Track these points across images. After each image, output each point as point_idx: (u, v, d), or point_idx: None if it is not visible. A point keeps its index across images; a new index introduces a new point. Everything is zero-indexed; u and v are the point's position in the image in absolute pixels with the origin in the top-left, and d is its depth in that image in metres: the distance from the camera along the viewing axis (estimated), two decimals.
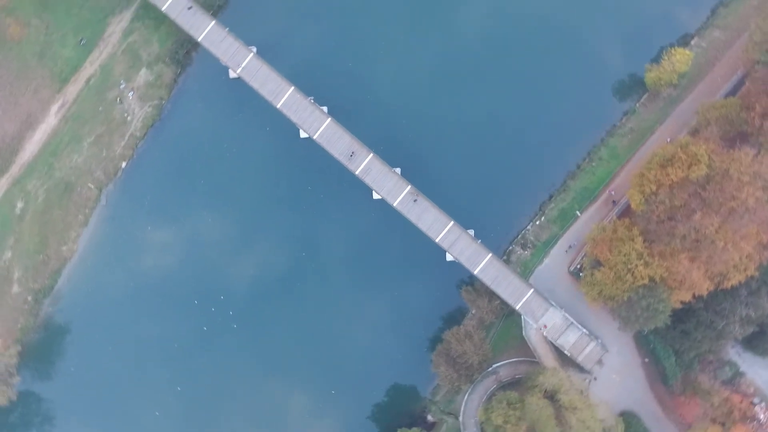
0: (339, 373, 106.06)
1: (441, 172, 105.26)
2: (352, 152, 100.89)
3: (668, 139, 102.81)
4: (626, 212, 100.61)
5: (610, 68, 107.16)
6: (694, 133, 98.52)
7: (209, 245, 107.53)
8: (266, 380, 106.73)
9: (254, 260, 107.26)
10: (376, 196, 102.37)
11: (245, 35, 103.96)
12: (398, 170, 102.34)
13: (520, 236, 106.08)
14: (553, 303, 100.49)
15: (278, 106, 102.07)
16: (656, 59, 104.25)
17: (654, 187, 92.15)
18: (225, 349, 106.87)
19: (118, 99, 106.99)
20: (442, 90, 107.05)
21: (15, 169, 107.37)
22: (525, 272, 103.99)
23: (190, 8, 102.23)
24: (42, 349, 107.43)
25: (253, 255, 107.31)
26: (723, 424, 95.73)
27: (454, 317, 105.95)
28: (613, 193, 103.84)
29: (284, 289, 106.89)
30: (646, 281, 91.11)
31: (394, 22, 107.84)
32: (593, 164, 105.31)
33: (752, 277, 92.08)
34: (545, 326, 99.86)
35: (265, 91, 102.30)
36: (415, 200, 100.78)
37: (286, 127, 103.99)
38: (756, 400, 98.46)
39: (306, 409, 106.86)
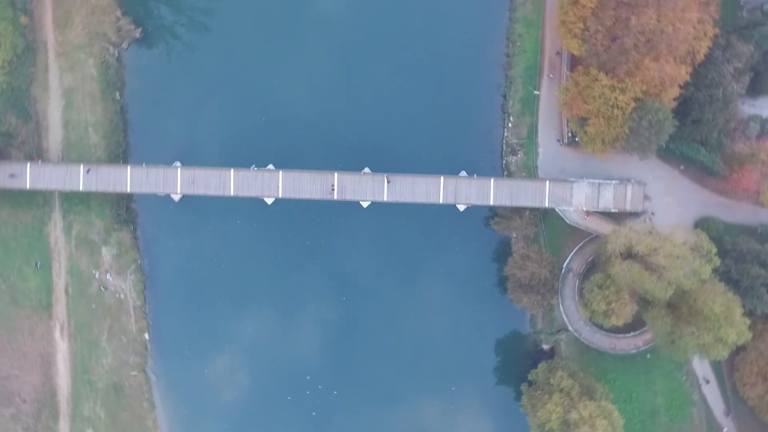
0: (446, 369, 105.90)
1: (402, 146, 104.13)
2: (333, 185, 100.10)
3: None
4: (574, 62, 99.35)
5: None
6: None
7: (264, 345, 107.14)
8: (396, 418, 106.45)
9: (309, 330, 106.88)
10: (365, 204, 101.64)
11: (163, 157, 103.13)
12: (367, 170, 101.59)
13: (504, 146, 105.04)
14: (572, 179, 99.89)
15: (232, 194, 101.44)
16: None
17: (581, 25, 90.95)
18: (340, 419, 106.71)
19: (101, 287, 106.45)
20: (351, 77, 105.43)
21: (64, 407, 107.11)
22: (531, 172, 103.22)
23: (88, 171, 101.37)
24: None
25: (305, 327, 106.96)
26: None
27: (503, 251, 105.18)
28: (551, 76, 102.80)
29: (350, 334, 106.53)
30: (633, 105, 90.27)
31: (271, 50, 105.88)
32: (518, 44, 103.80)
33: (716, 36, 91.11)
34: (586, 212, 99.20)
35: (212, 191, 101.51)
36: (388, 182, 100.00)
37: (252, 205, 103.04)
38: None
39: (444, 417, 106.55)
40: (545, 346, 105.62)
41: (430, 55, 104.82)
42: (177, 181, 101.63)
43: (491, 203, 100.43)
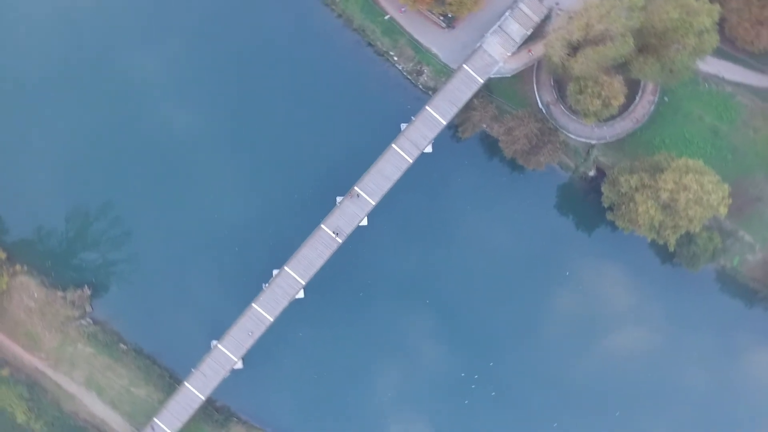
0: (549, 271, 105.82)
1: (343, 157, 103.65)
2: (335, 231, 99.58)
3: None
4: None
5: None
6: None
7: (418, 390, 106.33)
8: (552, 339, 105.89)
9: (431, 347, 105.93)
10: (363, 222, 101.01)
11: (199, 347, 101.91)
12: (339, 198, 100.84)
13: (407, 76, 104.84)
14: (478, 45, 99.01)
15: (273, 319, 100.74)
16: None
17: None
18: (512, 376, 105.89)
19: None
20: (259, 152, 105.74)
21: None
22: (446, 72, 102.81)
23: (153, 428, 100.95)
24: None
25: (427, 347, 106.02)
26: None
27: (491, 145, 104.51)
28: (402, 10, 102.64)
29: (458, 319, 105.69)
30: None
31: (190, 196, 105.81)
32: (337, 1, 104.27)
33: None
34: (528, 50, 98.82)
35: (257, 333, 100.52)
36: (358, 196, 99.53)
37: (294, 311, 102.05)
38: None
39: (589, 301, 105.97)
40: (591, 173, 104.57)
41: (292, 80, 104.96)
42: (227, 355, 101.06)
43: (445, 123, 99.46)
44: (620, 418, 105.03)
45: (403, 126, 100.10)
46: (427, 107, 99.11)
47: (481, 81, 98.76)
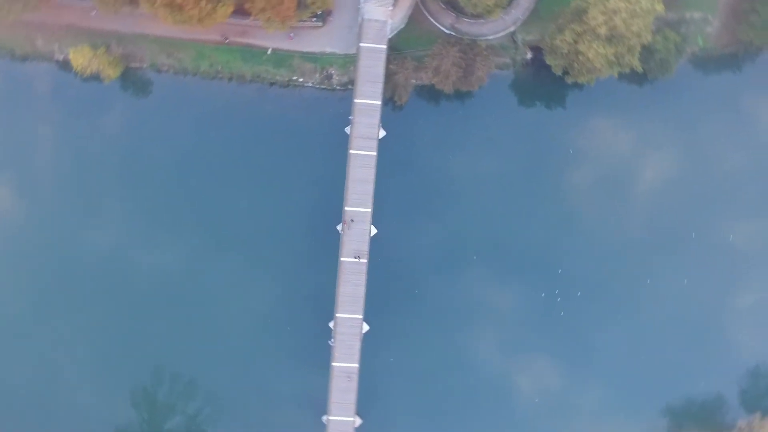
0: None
1: (317, 190, 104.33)
2: (357, 256, 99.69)
3: None
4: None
5: None
6: None
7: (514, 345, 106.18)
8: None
9: (498, 291, 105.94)
10: (374, 232, 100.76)
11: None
12: (339, 226, 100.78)
13: (322, 87, 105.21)
14: (360, 18, 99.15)
15: (358, 365, 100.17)
16: None
17: None
18: (576, 278, 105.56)
19: None
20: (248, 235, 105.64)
21: None
22: (351, 59, 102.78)
23: None
24: None
25: (502, 302, 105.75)
26: None
27: (432, 95, 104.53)
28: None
29: (520, 257, 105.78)
30: None
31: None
32: (219, 68, 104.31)
33: None
34: None
35: (353, 384, 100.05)
36: (352, 220, 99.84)
37: (372, 344, 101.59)
38: None
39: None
40: (529, 56, 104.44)
41: (230, 162, 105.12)
42: (343, 420, 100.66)
43: (379, 102, 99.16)
44: (697, 238, 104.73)
45: (347, 129, 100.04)
46: (355, 100, 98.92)
47: (384, 47, 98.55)
